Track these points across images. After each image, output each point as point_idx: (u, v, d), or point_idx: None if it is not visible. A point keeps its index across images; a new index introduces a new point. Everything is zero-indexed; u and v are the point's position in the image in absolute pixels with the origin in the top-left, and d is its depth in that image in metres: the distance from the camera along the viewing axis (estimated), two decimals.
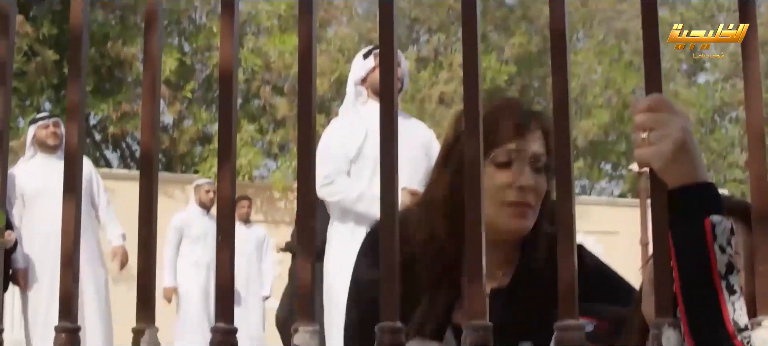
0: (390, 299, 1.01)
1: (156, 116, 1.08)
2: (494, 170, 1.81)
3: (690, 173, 1.29)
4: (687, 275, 1.28)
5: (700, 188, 1.30)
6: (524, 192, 1.81)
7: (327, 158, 4.44)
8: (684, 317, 1.28)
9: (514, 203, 1.81)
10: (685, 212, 1.29)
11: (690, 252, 1.28)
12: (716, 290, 1.26)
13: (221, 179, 1.07)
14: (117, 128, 13.74)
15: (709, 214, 1.29)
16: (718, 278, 1.27)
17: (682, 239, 1.29)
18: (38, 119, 6.67)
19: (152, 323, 1.08)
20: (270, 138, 14.51)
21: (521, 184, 1.81)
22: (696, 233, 1.29)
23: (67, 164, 1.13)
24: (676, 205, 1.27)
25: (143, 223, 1.07)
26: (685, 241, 1.29)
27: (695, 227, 1.29)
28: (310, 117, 1.06)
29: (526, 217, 1.83)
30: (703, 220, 1.29)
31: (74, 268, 1.12)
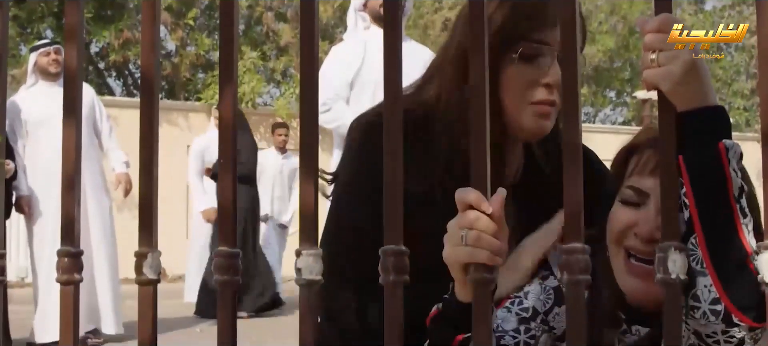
0: (393, 221, 1.01)
1: (156, 37, 1.06)
2: (521, 65, 1.66)
3: (700, 95, 1.27)
4: (703, 198, 1.28)
5: (713, 111, 1.29)
6: (551, 89, 1.67)
7: (325, 84, 4.42)
8: (702, 239, 1.28)
9: (540, 102, 1.67)
10: (698, 135, 1.28)
11: (706, 176, 1.28)
12: (732, 211, 1.26)
13: (222, 104, 1.06)
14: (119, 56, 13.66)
15: (721, 137, 1.28)
16: (734, 200, 1.26)
17: (696, 163, 1.28)
18: (39, 46, 6.62)
19: (155, 246, 1.08)
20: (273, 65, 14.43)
21: (549, 81, 1.66)
22: (711, 157, 1.28)
23: (67, 87, 1.12)
24: (688, 128, 1.26)
25: (144, 145, 1.06)
26: (700, 165, 1.28)
27: (710, 150, 1.28)
28: (313, 43, 1.04)
29: (550, 117, 1.70)
30: (717, 143, 1.28)
31: (76, 191, 1.11)
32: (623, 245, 1.51)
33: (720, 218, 1.26)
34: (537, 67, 1.66)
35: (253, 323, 7.43)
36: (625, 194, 1.53)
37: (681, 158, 1.29)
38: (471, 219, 1.16)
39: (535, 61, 1.65)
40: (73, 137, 1.11)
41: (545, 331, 1.57)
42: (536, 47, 1.65)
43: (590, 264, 0.97)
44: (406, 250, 1.00)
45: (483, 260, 1.11)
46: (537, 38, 1.65)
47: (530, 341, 1.57)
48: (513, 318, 1.59)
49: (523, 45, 1.65)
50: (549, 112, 1.68)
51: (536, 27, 1.65)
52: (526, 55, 1.65)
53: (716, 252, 1.27)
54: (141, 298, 1.09)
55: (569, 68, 0.99)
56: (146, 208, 1.08)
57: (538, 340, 1.58)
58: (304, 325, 1.03)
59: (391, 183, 1.01)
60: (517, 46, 1.65)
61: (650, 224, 1.47)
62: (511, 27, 1.66)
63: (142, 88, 1.08)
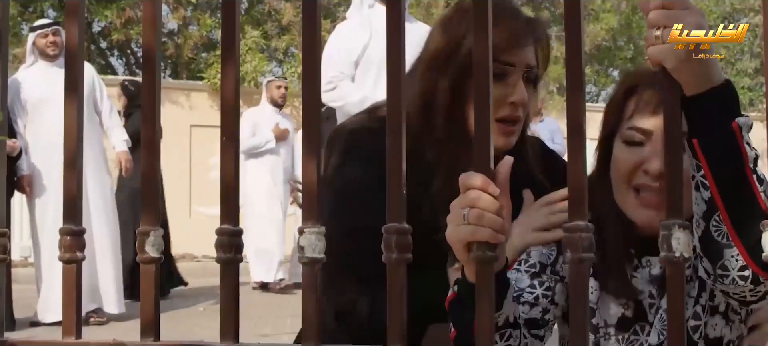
0: (396, 200, 1.01)
1: (158, 12, 1.05)
2: None
3: (705, 73, 1.26)
4: (722, 178, 1.29)
5: (722, 89, 1.28)
6: (515, 107, 1.77)
7: (330, 63, 4.41)
8: (726, 217, 1.29)
9: (503, 119, 1.77)
10: (711, 118, 1.29)
11: (723, 157, 1.29)
12: (750, 183, 1.27)
13: (225, 83, 1.06)
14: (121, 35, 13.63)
15: (732, 114, 1.29)
16: (750, 171, 1.28)
17: (712, 146, 1.29)
18: (37, 27, 6.60)
19: (157, 224, 1.08)
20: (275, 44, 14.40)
21: (514, 99, 1.77)
22: (726, 138, 1.29)
23: (68, 66, 1.12)
24: (699, 111, 1.27)
25: (146, 121, 1.06)
26: (716, 147, 1.29)
27: (724, 131, 1.29)
28: (316, 22, 1.03)
29: (513, 134, 1.80)
30: (730, 123, 1.28)
31: (78, 170, 1.11)
32: (633, 184, 1.57)
33: (741, 192, 1.28)
34: (503, 86, 1.75)
35: (255, 302, 7.45)
36: (627, 135, 1.58)
37: (695, 142, 1.30)
38: (473, 198, 1.16)
39: (502, 80, 1.75)
40: (74, 115, 1.10)
41: (557, 280, 1.63)
42: (503, 68, 1.74)
43: (594, 242, 0.97)
44: (408, 228, 1.00)
45: (485, 238, 1.11)
46: (504, 59, 1.74)
47: (547, 292, 1.61)
48: (525, 276, 1.63)
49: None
50: (512, 130, 1.79)
51: (505, 49, 1.74)
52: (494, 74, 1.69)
53: (740, 224, 1.29)
54: (143, 276, 1.09)
55: (573, 49, 0.98)
56: (149, 186, 1.08)
57: (554, 290, 1.63)
58: (306, 301, 1.03)
59: (394, 162, 1.01)
60: None
61: (659, 159, 1.52)
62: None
63: (143, 67, 1.08)
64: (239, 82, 1.06)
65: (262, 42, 13.82)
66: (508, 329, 1.46)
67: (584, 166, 0.97)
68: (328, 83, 4.38)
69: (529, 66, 1.78)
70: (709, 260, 1.35)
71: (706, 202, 1.32)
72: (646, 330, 1.61)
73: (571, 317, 0.97)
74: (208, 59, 13.63)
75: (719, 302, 1.57)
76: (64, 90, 1.10)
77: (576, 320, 0.96)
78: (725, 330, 1.59)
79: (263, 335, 5.75)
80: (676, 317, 0.96)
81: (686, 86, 1.25)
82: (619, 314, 1.62)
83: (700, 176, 1.31)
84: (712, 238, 1.32)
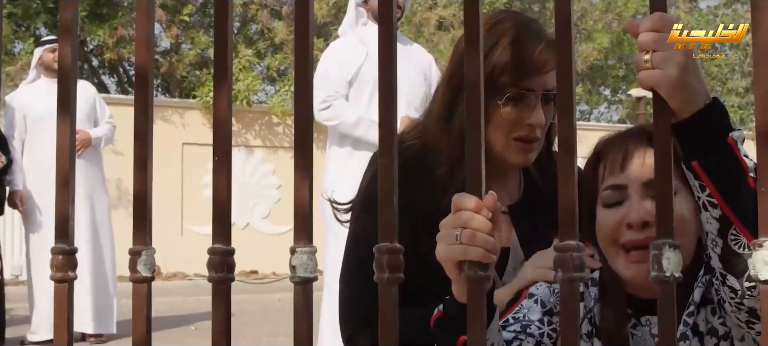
0: (389, 220, 1.01)
1: (151, 33, 1.06)
2: (507, 107, 1.80)
3: (696, 95, 1.28)
4: (729, 193, 1.31)
5: (712, 108, 1.30)
6: (533, 129, 1.83)
7: (325, 82, 4.41)
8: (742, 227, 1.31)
9: (522, 138, 1.83)
10: (708, 138, 1.31)
11: (726, 174, 1.31)
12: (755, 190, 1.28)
13: (217, 102, 1.06)
14: (114, 53, 13.64)
15: (725, 130, 1.32)
16: (753, 181, 1.29)
17: (713, 165, 1.31)
18: (45, 42, 6.58)
19: (149, 243, 1.08)
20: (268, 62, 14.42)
21: (531, 122, 1.81)
22: (725, 155, 1.31)
23: (61, 83, 1.12)
24: (695, 133, 1.29)
25: (139, 142, 1.06)
26: (718, 166, 1.31)
27: (722, 149, 1.31)
28: (308, 42, 1.04)
29: (532, 152, 1.86)
30: (726, 139, 1.31)
31: (70, 189, 1.11)
32: (619, 244, 1.57)
33: (749, 202, 1.28)
34: (522, 109, 1.81)
35: (248, 321, 7.42)
36: (605, 198, 1.60)
37: (695, 164, 1.32)
38: (466, 219, 1.16)
39: (520, 104, 1.81)
40: (67, 134, 1.10)
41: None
42: (522, 93, 1.80)
43: (585, 262, 0.97)
44: (400, 247, 1.00)
45: (477, 257, 1.11)
46: (524, 85, 1.80)
47: (553, 334, 1.62)
48: (537, 309, 1.65)
49: (510, 90, 1.79)
50: (531, 148, 1.85)
51: (527, 75, 1.79)
52: (512, 98, 1.80)
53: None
54: (135, 295, 1.09)
55: (563, 66, 0.99)
56: (141, 205, 1.08)
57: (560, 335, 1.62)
58: (299, 322, 1.02)
59: (385, 184, 1.01)
60: (505, 90, 1.78)
61: (637, 210, 1.54)
62: (499, 75, 1.79)
63: (136, 85, 1.08)
64: (232, 101, 1.07)
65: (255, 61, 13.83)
66: None
67: (575, 186, 0.97)
68: (322, 102, 4.37)
69: (547, 89, 1.82)
70: (733, 276, 1.37)
71: (717, 219, 1.33)
72: None
73: (562, 337, 0.97)
74: (201, 77, 13.63)
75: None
76: (57, 109, 1.10)
77: (567, 341, 0.96)
78: None
79: None
80: (668, 337, 0.97)
81: (678, 109, 1.26)
82: None
83: (706, 197, 1.33)
84: (734, 252, 1.34)
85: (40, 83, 6.40)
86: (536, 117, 1.81)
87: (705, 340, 1.57)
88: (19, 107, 6.28)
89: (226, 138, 1.05)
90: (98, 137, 6.39)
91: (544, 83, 1.81)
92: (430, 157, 1.87)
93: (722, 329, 1.56)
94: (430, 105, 1.97)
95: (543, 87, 1.81)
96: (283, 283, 8.69)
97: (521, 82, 1.80)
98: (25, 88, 6.49)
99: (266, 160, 12.18)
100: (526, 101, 1.81)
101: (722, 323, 1.56)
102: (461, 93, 1.84)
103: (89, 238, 6.29)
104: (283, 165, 11.94)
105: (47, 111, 6.09)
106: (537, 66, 1.80)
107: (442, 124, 1.88)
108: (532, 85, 1.80)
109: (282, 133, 12.48)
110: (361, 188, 1.96)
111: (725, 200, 1.32)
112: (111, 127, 6.56)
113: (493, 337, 1.43)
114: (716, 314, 1.56)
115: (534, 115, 1.81)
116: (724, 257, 1.36)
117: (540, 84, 1.81)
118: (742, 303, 1.41)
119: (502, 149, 1.83)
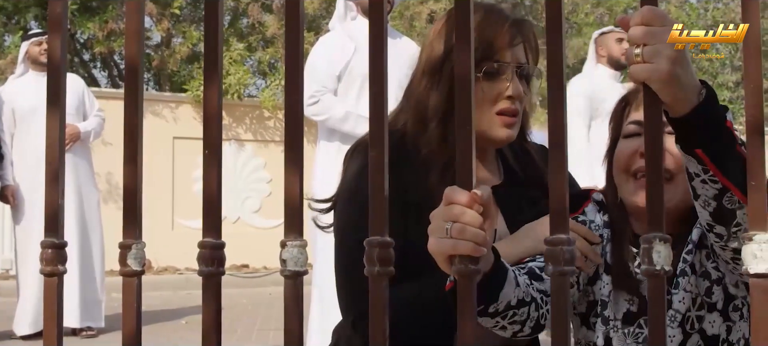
0: (378, 213, 1.01)
1: (141, 26, 1.05)
2: (485, 82, 1.88)
3: (688, 88, 1.29)
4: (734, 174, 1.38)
5: (709, 99, 1.35)
6: (513, 100, 1.89)
7: (313, 77, 4.40)
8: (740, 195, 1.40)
9: (504, 112, 1.89)
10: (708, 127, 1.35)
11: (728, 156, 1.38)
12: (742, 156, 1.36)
13: (207, 96, 1.06)
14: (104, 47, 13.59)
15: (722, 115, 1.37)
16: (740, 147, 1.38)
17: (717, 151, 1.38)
18: (31, 35, 6.55)
19: (139, 237, 1.07)
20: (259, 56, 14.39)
21: (511, 93, 1.88)
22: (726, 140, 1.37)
23: (51, 78, 1.11)
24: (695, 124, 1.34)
25: (129, 136, 1.06)
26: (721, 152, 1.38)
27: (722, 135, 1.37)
28: (299, 36, 1.04)
29: (514, 126, 1.93)
30: (725, 122, 1.37)
31: (60, 182, 1.11)
32: (631, 171, 1.76)
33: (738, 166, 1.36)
34: (499, 83, 1.89)
35: (238, 315, 7.42)
36: (627, 130, 1.80)
37: (699, 152, 1.38)
38: (456, 213, 1.16)
39: (497, 78, 1.89)
40: (56, 128, 1.10)
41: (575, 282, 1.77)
42: (497, 66, 1.89)
43: (575, 255, 0.97)
44: (390, 241, 1.00)
45: (468, 251, 1.11)
46: (497, 58, 1.89)
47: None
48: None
49: (486, 65, 1.88)
50: (513, 121, 1.92)
51: (498, 49, 1.88)
52: (489, 72, 1.88)
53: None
54: (125, 289, 1.08)
55: (554, 64, 0.99)
56: (131, 199, 1.08)
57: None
58: (290, 316, 1.02)
59: (376, 177, 1.01)
60: (480, 66, 1.86)
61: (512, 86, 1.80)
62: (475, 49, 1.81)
63: (126, 79, 1.08)
64: (222, 95, 1.06)
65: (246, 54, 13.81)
66: (510, 310, 1.50)
67: (566, 181, 0.97)
68: (310, 97, 4.36)
69: (519, 63, 1.90)
70: (722, 225, 1.48)
71: (717, 189, 1.42)
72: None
73: (553, 331, 0.97)
74: (192, 71, 13.60)
75: (717, 299, 1.69)
76: (47, 103, 1.09)
77: (558, 333, 0.96)
78: (722, 328, 1.70)
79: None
80: (658, 329, 0.97)
81: (670, 102, 1.27)
82: (625, 308, 1.75)
83: (709, 176, 1.40)
84: (726, 209, 1.44)
85: (27, 77, 6.37)
86: (514, 88, 1.88)
87: (698, 282, 1.70)
88: (8, 102, 6.26)
89: (216, 131, 1.05)
90: (87, 131, 6.37)
91: (517, 57, 1.90)
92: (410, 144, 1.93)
93: (715, 273, 1.70)
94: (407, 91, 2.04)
95: (516, 60, 1.90)
96: (274, 277, 8.68)
97: (495, 56, 1.88)
98: (13, 82, 6.46)
99: (257, 154, 12.15)
100: (503, 74, 1.89)
101: (715, 268, 1.70)
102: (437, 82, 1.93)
103: (77, 233, 6.27)
104: (274, 159, 11.91)
105: (35, 104, 6.07)
106: (507, 39, 1.88)
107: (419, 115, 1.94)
108: (506, 57, 1.89)
109: (273, 128, 12.44)
110: (344, 180, 1.97)
111: (727, 177, 1.39)
112: (100, 120, 6.53)
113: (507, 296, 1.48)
114: (710, 259, 1.70)
115: (512, 86, 1.88)
116: (715, 214, 1.46)
117: (513, 57, 1.90)
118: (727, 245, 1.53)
119: (487, 126, 1.90)
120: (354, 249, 1.90)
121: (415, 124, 1.95)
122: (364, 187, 1.92)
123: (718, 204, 1.44)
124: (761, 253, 0.95)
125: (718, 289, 1.69)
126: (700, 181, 1.42)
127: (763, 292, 0.96)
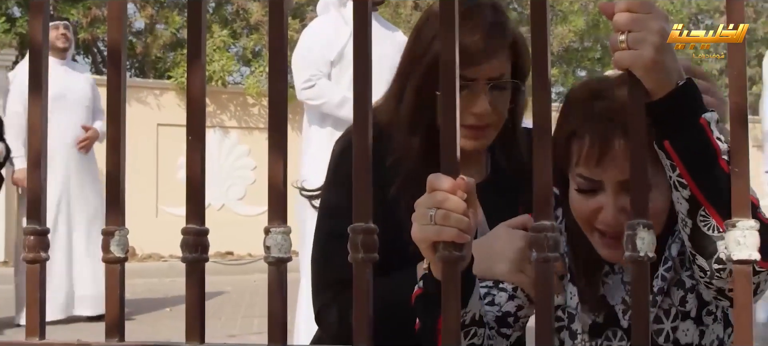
0: (362, 200, 1.01)
1: (123, 10, 1.04)
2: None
3: (670, 75, 1.29)
4: (700, 175, 1.32)
5: (686, 88, 1.30)
6: (479, 117, 1.82)
7: (307, 61, 4.37)
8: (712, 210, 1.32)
9: (470, 126, 1.83)
10: (679, 118, 1.31)
11: (697, 154, 1.32)
12: (727, 173, 1.28)
13: (191, 82, 1.05)
14: (87, 33, 13.51)
15: (698, 111, 1.32)
16: (725, 163, 1.30)
17: (684, 146, 1.32)
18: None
19: (122, 223, 1.07)
20: (244, 43, 14.34)
21: (476, 111, 1.81)
22: (697, 136, 1.31)
23: (33, 60, 1.10)
24: (667, 113, 1.29)
25: (112, 122, 1.05)
26: (689, 146, 1.32)
27: (694, 129, 1.31)
28: (283, 22, 1.03)
29: (483, 137, 1.86)
30: (698, 119, 1.31)
31: (43, 168, 1.10)
32: (594, 227, 1.57)
33: (720, 184, 1.29)
34: (466, 98, 1.77)
35: (222, 302, 7.42)
36: (579, 183, 1.56)
37: (667, 143, 1.33)
38: (440, 199, 1.16)
39: (463, 92, 1.73)
40: (38, 113, 1.09)
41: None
42: (464, 83, 1.75)
43: (560, 242, 0.97)
44: (374, 228, 1.00)
45: (451, 237, 1.11)
46: (464, 74, 1.72)
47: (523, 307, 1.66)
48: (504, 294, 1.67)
49: None
50: (482, 135, 1.85)
51: (466, 65, 1.71)
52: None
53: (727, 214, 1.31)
54: (108, 276, 1.08)
55: (539, 51, 0.99)
56: (114, 185, 1.07)
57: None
58: (273, 302, 1.02)
59: (360, 163, 1.01)
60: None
61: (611, 210, 1.52)
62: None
63: (109, 65, 1.07)
64: (205, 82, 1.06)
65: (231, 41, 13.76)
66: (473, 326, 1.47)
67: (550, 167, 0.97)
68: (306, 81, 4.33)
69: (490, 78, 1.81)
70: (703, 257, 1.39)
71: (687, 200, 1.35)
72: (618, 335, 1.63)
73: (537, 318, 0.97)
74: (176, 58, 13.54)
75: (691, 307, 1.60)
76: (29, 87, 1.08)
77: (541, 321, 0.96)
78: (696, 335, 1.60)
79: (230, 335, 5.73)
80: (641, 317, 0.97)
81: (653, 90, 1.27)
82: (590, 320, 1.65)
83: (677, 176, 1.34)
84: (703, 233, 1.35)
85: None
86: (479, 106, 1.80)
87: (672, 292, 1.60)
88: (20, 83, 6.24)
89: (199, 116, 1.05)
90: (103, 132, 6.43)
91: (487, 72, 1.80)
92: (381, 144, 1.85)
93: (689, 281, 1.59)
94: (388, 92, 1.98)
95: (486, 76, 1.80)
96: (259, 264, 8.63)
97: (463, 72, 1.72)
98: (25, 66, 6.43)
99: (241, 141, 12.12)
100: (471, 90, 1.80)
101: (690, 276, 1.59)
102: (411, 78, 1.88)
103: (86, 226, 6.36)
104: (258, 146, 11.88)
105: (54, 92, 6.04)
106: (474, 56, 1.77)
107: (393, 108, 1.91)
108: (472, 74, 1.79)
109: (257, 115, 12.42)
110: (328, 166, 1.97)
111: (695, 181, 1.32)
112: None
113: (474, 307, 1.45)
114: (684, 266, 1.59)
115: (477, 105, 1.80)
116: (693, 238, 1.37)
117: (482, 73, 1.80)
118: (711, 283, 1.44)
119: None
120: (323, 241, 1.92)
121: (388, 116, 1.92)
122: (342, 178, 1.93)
123: (693, 224, 1.36)
124: (744, 239, 0.95)
125: (691, 296, 1.59)
126: (673, 187, 1.36)
127: (746, 278, 0.96)
